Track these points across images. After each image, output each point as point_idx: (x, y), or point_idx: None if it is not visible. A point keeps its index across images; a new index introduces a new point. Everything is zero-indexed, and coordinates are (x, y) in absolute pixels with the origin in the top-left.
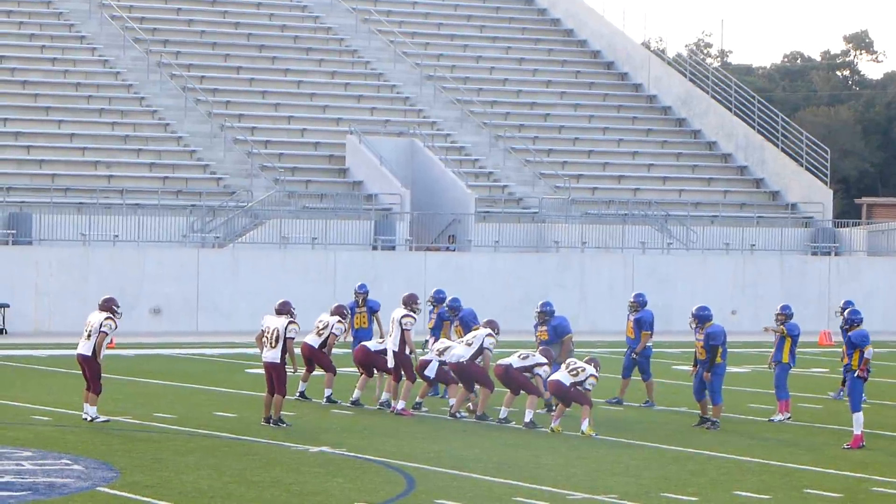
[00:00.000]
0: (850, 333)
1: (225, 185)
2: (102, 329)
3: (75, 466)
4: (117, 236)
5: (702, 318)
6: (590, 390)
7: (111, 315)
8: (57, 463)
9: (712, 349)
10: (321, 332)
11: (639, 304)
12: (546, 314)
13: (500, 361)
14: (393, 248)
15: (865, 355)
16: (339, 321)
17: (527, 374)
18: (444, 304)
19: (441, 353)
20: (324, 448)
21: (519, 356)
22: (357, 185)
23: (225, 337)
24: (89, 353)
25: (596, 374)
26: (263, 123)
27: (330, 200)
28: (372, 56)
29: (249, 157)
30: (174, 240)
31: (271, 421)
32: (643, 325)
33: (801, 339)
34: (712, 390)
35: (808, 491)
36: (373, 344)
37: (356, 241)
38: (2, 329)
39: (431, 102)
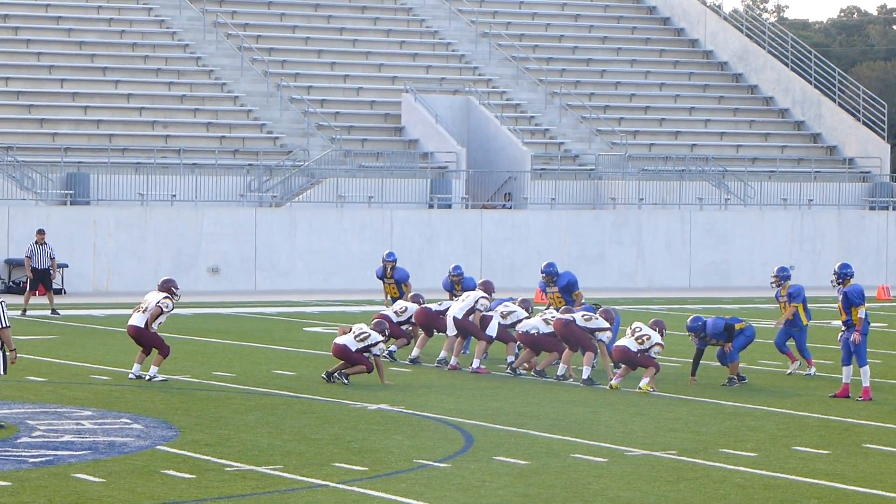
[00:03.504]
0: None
1: (281, 145)
2: (159, 304)
3: (135, 425)
4: (175, 196)
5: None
6: (655, 358)
7: (169, 296)
8: (117, 422)
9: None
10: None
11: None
12: (552, 276)
13: (562, 316)
14: (449, 206)
15: (860, 315)
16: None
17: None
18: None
19: (505, 315)
20: (382, 406)
21: (582, 316)
22: (413, 143)
23: (283, 296)
24: (141, 325)
25: (661, 343)
26: (319, 82)
27: (386, 159)
28: (427, 14)
29: (305, 116)
30: (231, 199)
31: (333, 376)
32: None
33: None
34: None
35: (867, 446)
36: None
37: (412, 199)
38: (60, 289)
39: (487, 60)
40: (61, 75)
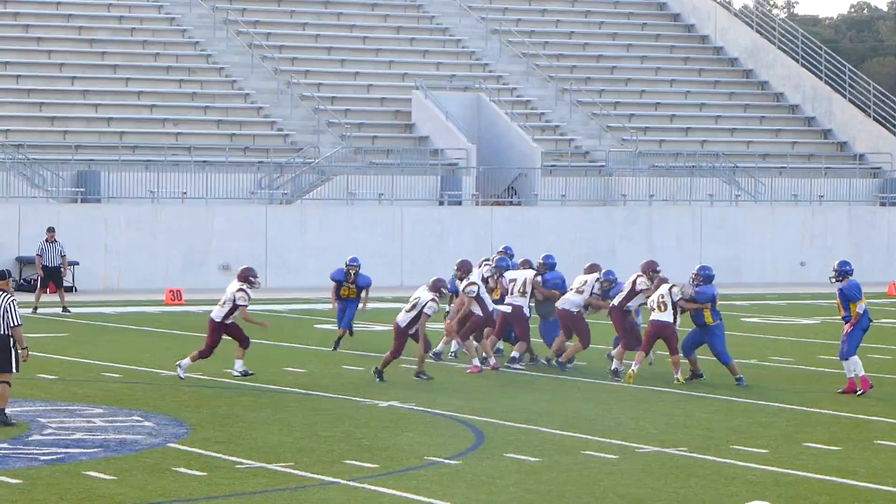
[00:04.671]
0: (841, 286)
1: (292, 142)
2: (237, 302)
3: (146, 423)
4: (185, 193)
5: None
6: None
7: (243, 287)
8: (128, 419)
9: None
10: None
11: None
12: (548, 266)
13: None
14: (459, 203)
15: (858, 309)
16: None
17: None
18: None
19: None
20: (393, 402)
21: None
22: (423, 140)
23: (293, 293)
24: (218, 319)
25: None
26: (329, 79)
27: (396, 156)
28: (437, 11)
29: (316, 113)
30: (242, 196)
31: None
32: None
33: (870, 289)
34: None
35: (879, 442)
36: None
37: (423, 196)
38: (71, 286)
39: (497, 56)
40: (72, 73)
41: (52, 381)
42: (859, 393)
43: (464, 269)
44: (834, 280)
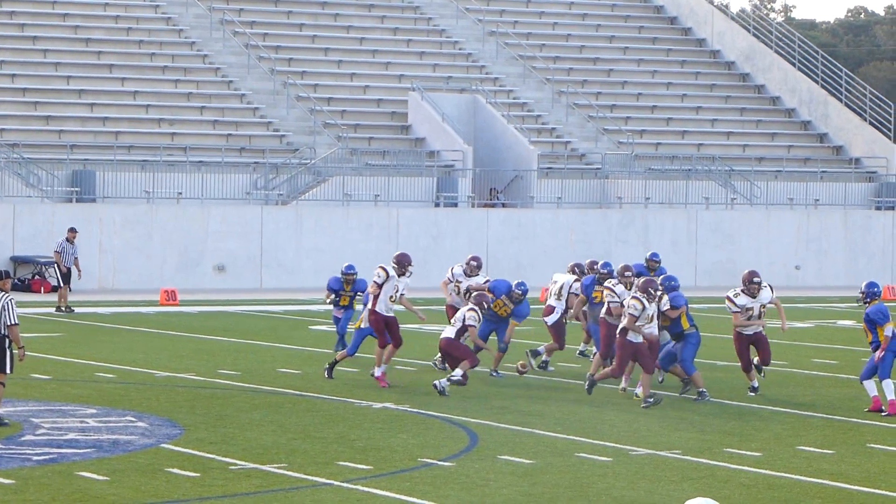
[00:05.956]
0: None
1: (288, 143)
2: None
3: (139, 423)
4: (181, 194)
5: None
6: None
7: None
8: (121, 420)
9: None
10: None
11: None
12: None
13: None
14: (455, 204)
15: (886, 333)
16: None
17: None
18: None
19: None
20: (387, 404)
21: None
22: (419, 141)
23: (289, 294)
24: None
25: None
26: (326, 80)
27: (392, 157)
28: (434, 12)
29: (312, 114)
30: (238, 197)
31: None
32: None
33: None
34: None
35: (871, 446)
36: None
37: (419, 197)
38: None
39: (494, 58)
40: (67, 72)
41: (45, 381)
42: (885, 413)
43: (478, 266)
44: (862, 303)
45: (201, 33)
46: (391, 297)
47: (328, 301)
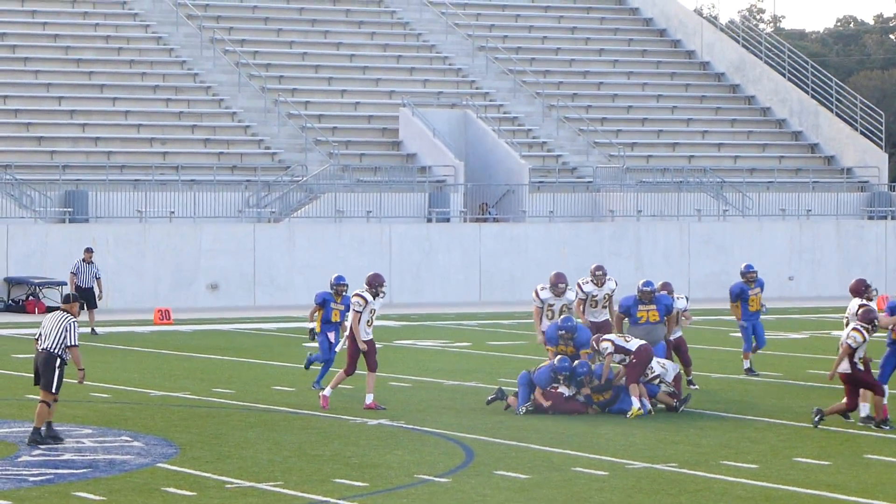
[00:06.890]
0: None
1: (279, 160)
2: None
3: (135, 443)
4: (173, 212)
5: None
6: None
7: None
8: (117, 440)
9: None
10: None
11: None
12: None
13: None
14: (447, 220)
15: None
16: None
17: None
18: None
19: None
20: (382, 421)
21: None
22: (411, 157)
23: (282, 311)
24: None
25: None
26: (317, 98)
27: (384, 173)
28: (424, 28)
29: (303, 131)
30: (230, 215)
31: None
32: None
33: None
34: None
35: (869, 457)
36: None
37: (411, 213)
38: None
39: (484, 73)
40: (59, 93)
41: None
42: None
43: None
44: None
45: (192, 52)
46: (368, 321)
47: (311, 319)
